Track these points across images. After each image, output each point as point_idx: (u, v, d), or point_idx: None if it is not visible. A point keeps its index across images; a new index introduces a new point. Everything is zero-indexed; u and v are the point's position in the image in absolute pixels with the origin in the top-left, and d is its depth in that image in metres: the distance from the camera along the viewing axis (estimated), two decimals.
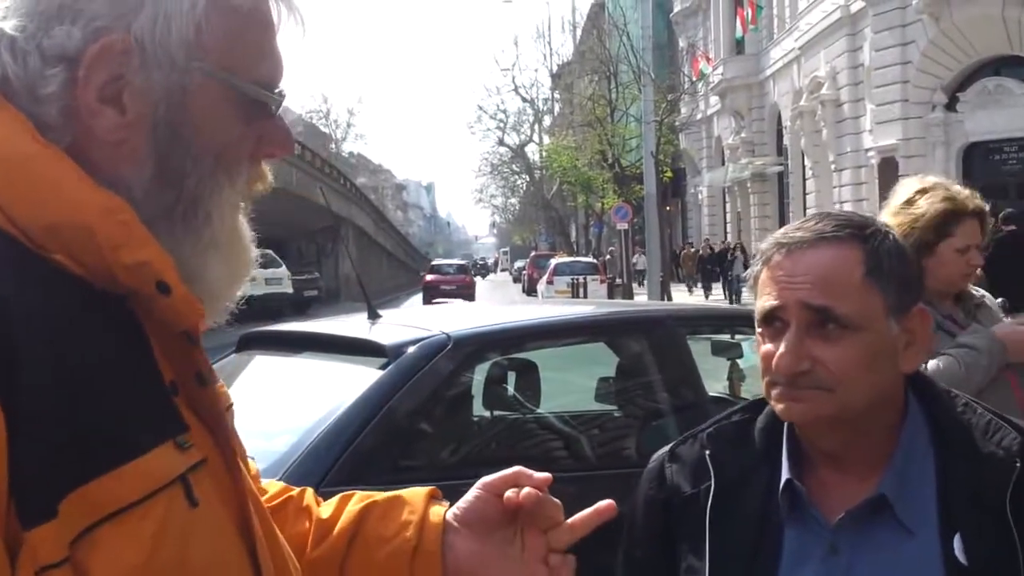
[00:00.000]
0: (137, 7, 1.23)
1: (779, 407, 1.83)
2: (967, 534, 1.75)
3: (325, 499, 1.63)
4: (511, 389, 5.66)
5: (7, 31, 1.22)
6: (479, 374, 5.25)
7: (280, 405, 4.98)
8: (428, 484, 1.62)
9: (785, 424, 1.91)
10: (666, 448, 2.08)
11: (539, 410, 5.66)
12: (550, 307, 8.89)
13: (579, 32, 67.53)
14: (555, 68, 71.66)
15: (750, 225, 50.68)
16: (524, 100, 74.21)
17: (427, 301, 44.40)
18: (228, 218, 1.32)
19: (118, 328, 1.20)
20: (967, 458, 1.81)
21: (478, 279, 66.41)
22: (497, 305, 15.39)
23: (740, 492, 1.91)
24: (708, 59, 51.04)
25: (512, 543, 1.52)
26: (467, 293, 48.85)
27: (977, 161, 31.65)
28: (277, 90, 1.34)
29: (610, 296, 36.38)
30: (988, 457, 1.79)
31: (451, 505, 1.56)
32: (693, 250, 48.83)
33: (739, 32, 49.48)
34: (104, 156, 1.23)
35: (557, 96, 74.35)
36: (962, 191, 3.86)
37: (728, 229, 55.58)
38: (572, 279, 37.78)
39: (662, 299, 32.77)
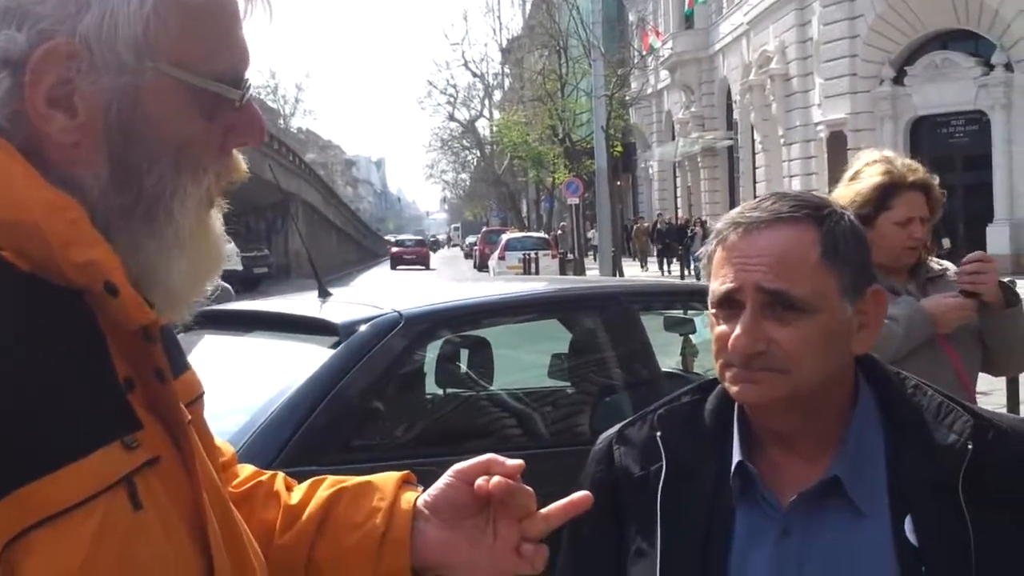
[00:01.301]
0: (82, 8, 1.20)
1: (734, 389, 1.81)
2: (919, 516, 1.75)
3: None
4: (464, 367, 5.64)
5: None
6: (431, 352, 5.23)
7: (230, 385, 4.92)
8: (382, 464, 1.61)
9: (736, 405, 1.90)
10: (614, 429, 2.05)
11: (492, 387, 5.65)
12: (503, 284, 8.87)
13: (528, 6, 67.43)
14: (505, 43, 71.61)
15: (700, 199, 50.98)
16: (474, 75, 73.98)
17: (394, 267, 66.19)
18: (193, 216, 1.29)
19: (68, 325, 1.18)
20: (919, 441, 1.81)
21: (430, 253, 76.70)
22: (449, 282, 15.36)
23: (691, 474, 1.89)
24: (658, 33, 51.24)
25: (484, 531, 1.51)
26: (424, 259, 68.04)
27: (925, 134, 31.99)
28: (242, 81, 1.30)
29: (562, 271, 36.39)
30: (940, 440, 1.79)
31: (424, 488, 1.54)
32: (646, 224, 48.94)
33: (687, 7, 49.60)
34: (58, 156, 1.21)
35: (507, 71, 74.39)
36: (908, 164, 3.87)
37: (679, 203, 55.85)
38: (524, 254, 37.78)
39: (614, 274, 32.87)
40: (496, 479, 1.46)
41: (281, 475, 1.62)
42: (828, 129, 33.69)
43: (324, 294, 5.14)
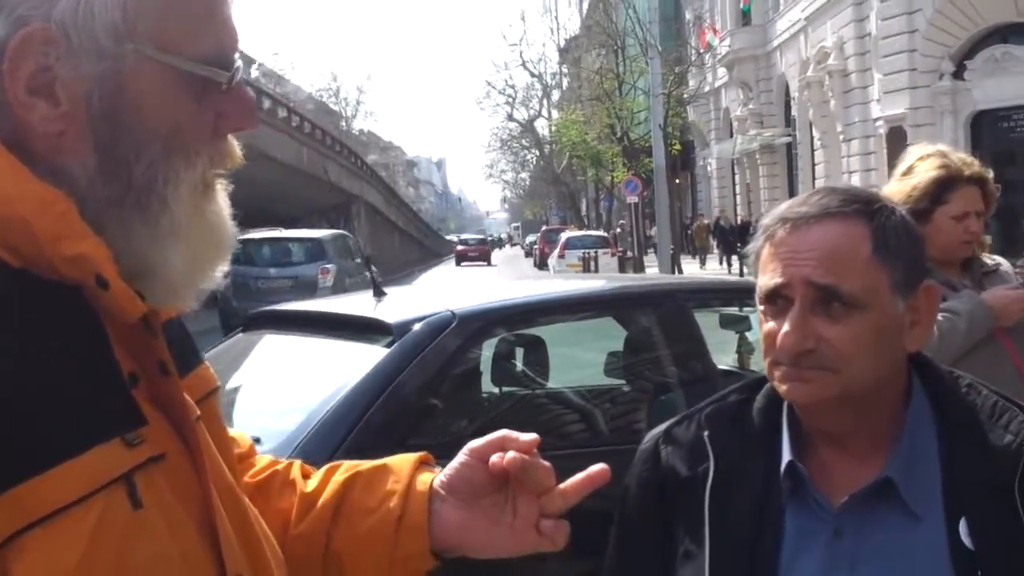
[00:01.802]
0: None
1: (782, 388, 1.77)
2: (974, 519, 1.70)
3: None
4: (519, 364, 5.66)
5: None
6: (486, 350, 5.25)
7: (287, 384, 5.00)
8: (438, 462, 1.58)
9: (785, 404, 1.85)
10: (660, 428, 2.01)
11: (547, 385, 5.67)
12: (556, 282, 8.85)
13: (586, 5, 67.27)
14: (562, 42, 71.68)
15: (759, 196, 50.59)
16: (532, 75, 74.17)
17: (458, 263, 74.34)
18: (188, 202, 1.25)
19: (66, 320, 1.15)
20: (973, 441, 1.76)
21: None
22: (504, 280, 15.35)
23: (740, 475, 1.84)
24: (715, 31, 50.88)
25: (503, 510, 1.47)
26: (486, 256, 75.75)
27: (985, 129, 31.55)
28: (230, 62, 1.26)
29: (621, 269, 36.35)
30: (995, 441, 1.74)
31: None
32: (706, 222, 48.58)
33: (744, 3, 49.26)
34: (44, 147, 1.18)
35: (565, 70, 74.28)
36: (963, 158, 3.85)
37: (738, 201, 55.47)
38: (583, 253, 37.72)
39: (672, 271, 32.75)
40: (510, 455, 1.41)
41: (298, 463, 1.59)
42: (887, 125, 33.29)
43: (379, 294, 5.19)
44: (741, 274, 35.33)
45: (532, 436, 1.44)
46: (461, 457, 1.48)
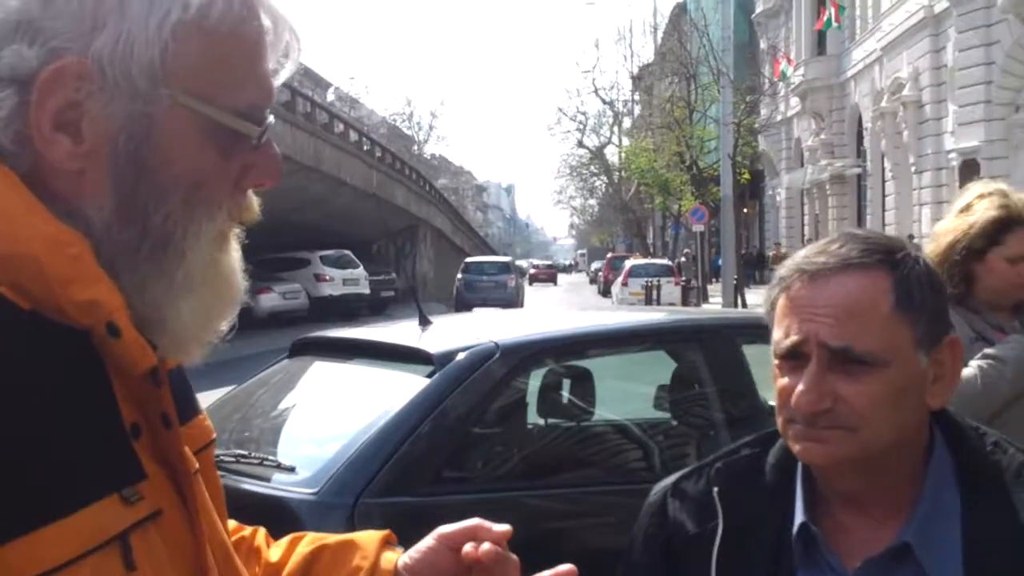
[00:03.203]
0: (98, 26, 1.12)
1: (796, 447, 1.69)
2: None
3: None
4: (565, 397, 5.61)
5: None
6: (533, 382, 5.21)
7: (330, 411, 5.00)
8: (479, 495, 1.58)
9: (799, 461, 1.76)
10: (668, 481, 1.93)
11: (594, 418, 5.61)
12: (603, 315, 8.76)
13: (660, 34, 67.23)
14: (635, 70, 71.52)
15: (828, 227, 50.12)
16: (604, 102, 74.01)
17: (531, 283, 79.44)
18: (206, 256, 1.21)
19: (70, 368, 1.10)
20: (998, 504, 1.67)
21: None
22: (551, 312, 15.29)
23: (750, 534, 1.76)
24: (789, 60, 50.59)
25: None
26: (553, 278, 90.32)
27: None
28: (263, 117, 1.22)
29: (684, 298, 36.10)
30: (1021, 504, 1.65)
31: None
32: (784, 251, 47.87)
33: (818, 27, 48.94)
34: (62, 185, 1.14)
35: (637, 98, 74.16)
36: (1022, 198, 3.73)
37: (806, 232, 55.01)
38: (647, 281, 37.53)
39: (735, 302, 32.51)
40: (486, 547, 1.41)
41: (263, 531, 1.56)
42: (961, 157, 32.88)
43: (424, 322, 5.16)
44: None
45: (505, 527, 1.44)
46: (429, 541, 1.47)
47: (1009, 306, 3.74)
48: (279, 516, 3.85)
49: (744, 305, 33.50)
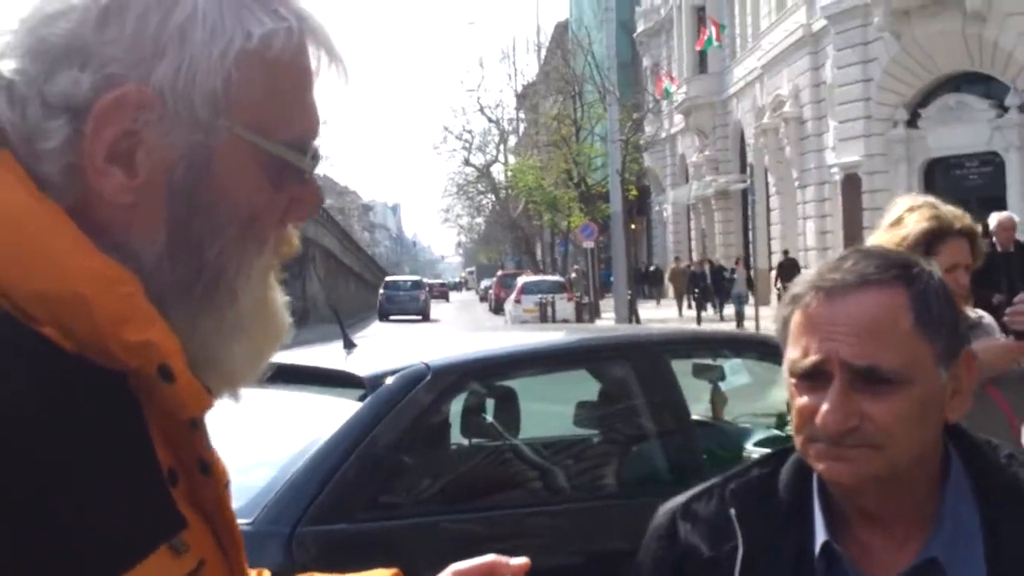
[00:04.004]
0: (158, 53, 1.06)
1: (820, 466, 1.66)
2: None
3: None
4: (489, 418, 5.57)
5: (3, 73, 1.07)
6: (457, 404, 5.16)
7: (256, 438, 4.87)
8: (410, 520, 1.54)
9: (815, 478, 1.74)
10: (677, 501, 1.88)
11: (518, 439, 5.57)
12: (529, 334, 8.76)
13: (544, 52, 67.60)
14: (520, 88, 71.78)
15: (714, 242, 50.91)
16: (490, 120, 74.04)
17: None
18: (257, 292, 1.16)
19: (111, 414, 1.03)
20: (1018, 515, 1.67)
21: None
22: (475, 332, 15.26)
23: (770, 556, 1.72)
24: (672, 78, 51.34)
25: None
26: (446, 295, 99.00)
27: (939, 177, 31.86)
28: (313, 151, 1.18)
29: (578, 315, 36.32)
30: None
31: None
32: (684, 265, 47.62)
33: (698, 46, 49.73)
34: (112, 218, 1.07)
35: (522, 116, 74.47)
36: (953, 210, 3.81)
37: (693, 246, 55.77)
38: (540, 298, 37.68)
39: (629, 317, 32.79)
40: None
41: (267, 573, 1.48)
42: (842, 172, 33.62)
43: (349, 345, 5.08)
44: (721, 318, 35.38)
45: (523, 560, 1.41)
46: None
47: None
48: None
49: (638, 320, 33.79)
